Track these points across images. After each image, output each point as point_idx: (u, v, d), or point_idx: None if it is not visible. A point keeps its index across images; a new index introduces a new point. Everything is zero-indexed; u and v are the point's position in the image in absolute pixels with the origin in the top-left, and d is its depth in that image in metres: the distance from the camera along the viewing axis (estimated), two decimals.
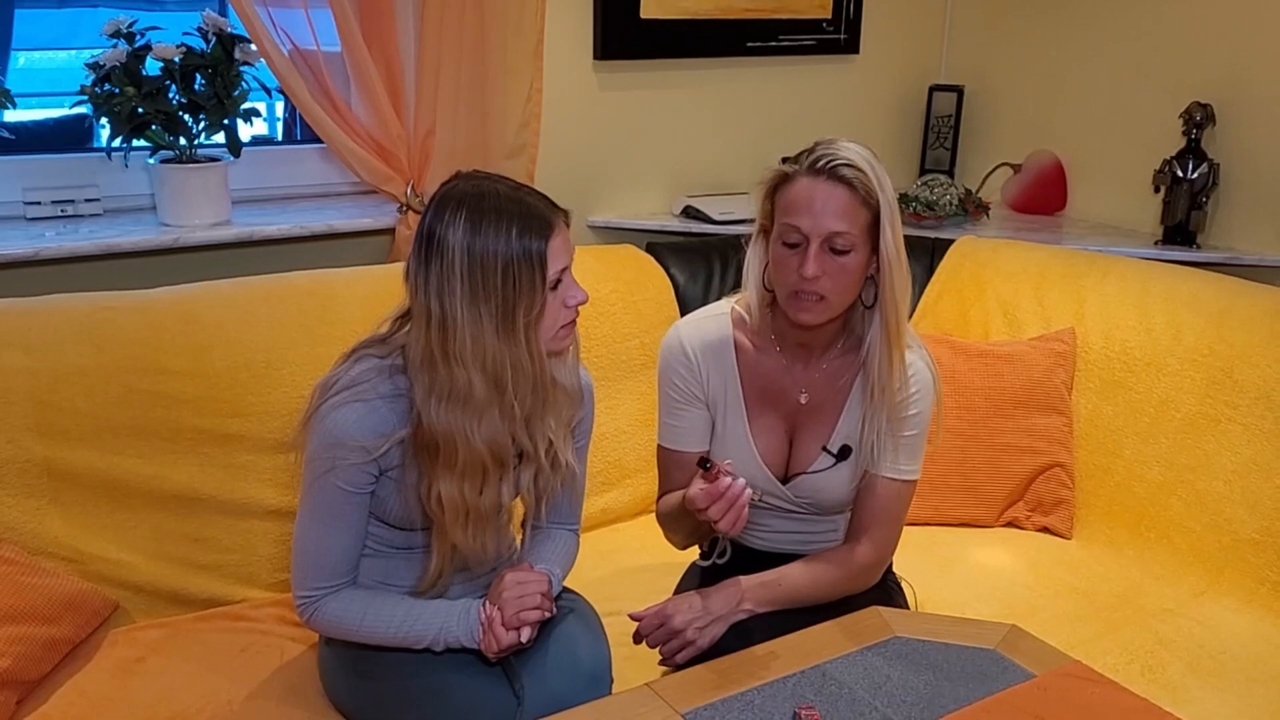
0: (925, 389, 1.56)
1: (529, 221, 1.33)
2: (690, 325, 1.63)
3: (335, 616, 1.43)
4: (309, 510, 1.42)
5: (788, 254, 1.47)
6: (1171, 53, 2.53)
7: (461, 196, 1.34)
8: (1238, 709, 1.60)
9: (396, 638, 1.42)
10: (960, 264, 2.40)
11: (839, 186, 1.44)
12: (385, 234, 2.29)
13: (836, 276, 1.46)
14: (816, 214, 1.44)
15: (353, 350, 1.45)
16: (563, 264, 1.37)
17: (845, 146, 1.47)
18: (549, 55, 2.33)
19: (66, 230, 2.02)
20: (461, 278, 1.31)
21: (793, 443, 1.62)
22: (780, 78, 2.76)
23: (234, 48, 2.04)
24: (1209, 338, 2.04)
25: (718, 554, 1.65)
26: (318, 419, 1.38)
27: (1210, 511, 1.96)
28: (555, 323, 1.39)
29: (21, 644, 1.49)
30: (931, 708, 1.28)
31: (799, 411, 1.61)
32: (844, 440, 1.59)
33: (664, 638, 1.48)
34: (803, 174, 1.46)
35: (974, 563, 2.03)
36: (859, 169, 1.44)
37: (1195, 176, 2.41)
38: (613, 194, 2.60)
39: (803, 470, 1.60)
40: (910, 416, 1.56)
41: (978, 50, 2.96)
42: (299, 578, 1.44)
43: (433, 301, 1.32)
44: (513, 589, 1.40)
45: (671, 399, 1.62)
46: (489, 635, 1.39)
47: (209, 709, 1.51)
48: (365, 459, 1.37)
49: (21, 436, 1.66)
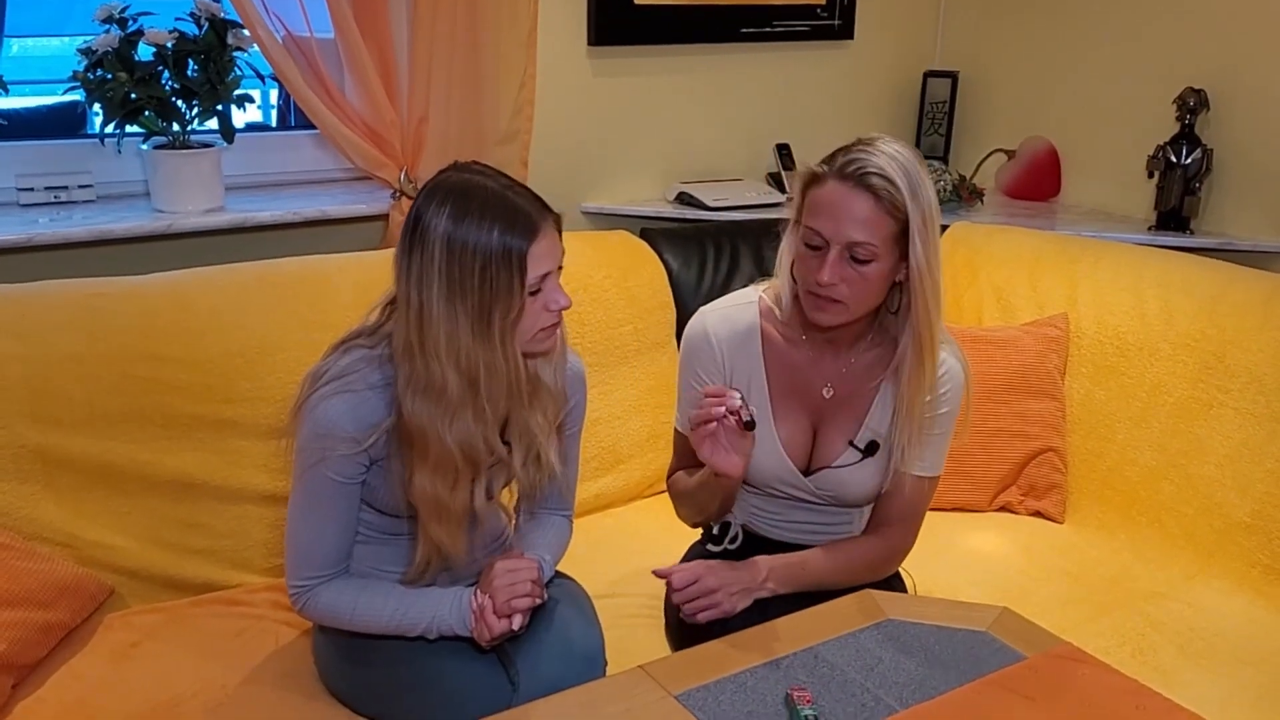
0: (956, 387, 1.55)
1: (513, 221, 1.30)
2: (716, 314, 1.61)
3: (328, 605, 1.44)
4: (300, 500, 1.43)
5: (809, 255, 1.46)
6: (1165, 38, 2.53)
7: (451, 187, 1.32)
8: (1228, 691, 1.61)
9: (389, 626, 1.42)
10: (954, 249, 2.40)
11: (865, 195, 1.40)
12: (379, 220, 2.28)
13: (855, 284, 1.44)
14: (839, 221, 1.41)
15: (342, 341, 1.44)
16: (546, 268, 1.33)
17: (881, 152, 1.42)
18: (542, 41, 2.32)
19: (60, 216, 2.01)
20: (440, 271, 1.29)
21: (816, 436, 1.60)
22: (774, 64, 2.75)
23: (226, 33, 2.03)
24: (1201, 323, 2.05)
25: (729, 540, 1.65)
26: (307, 410, 1.38)
27: (1202, 495, 1.97)
28: (535, 325, 1.36)
29: (17, 628, 1.49)
30: (923, 689, 1.29)
31: (824, 405, 1.59)
32: (872, 436, 1.57)
33: (696, 595, 1.48)
34: (832, 177, 1.43)
35: (967, 547, 2.03)
36: (889, 179, 1.40)
37: (1189, 162, 2.41)
38: (607, 180, 2.59)
39: (827, 464, 1.59)
40: (940, 415, 1.55)
41: (972, 36, 2.96)
42: (292, 567, 1.45)
43: (413, 291, 1.31)
44: (503, 577, 1.40)
45: (694, 387, 1.60)
46: (480, 624, 1.39)
47: (203, 693, 1.51)
48: (355, 449, 1.37)
49: (15, 423, 1.66)
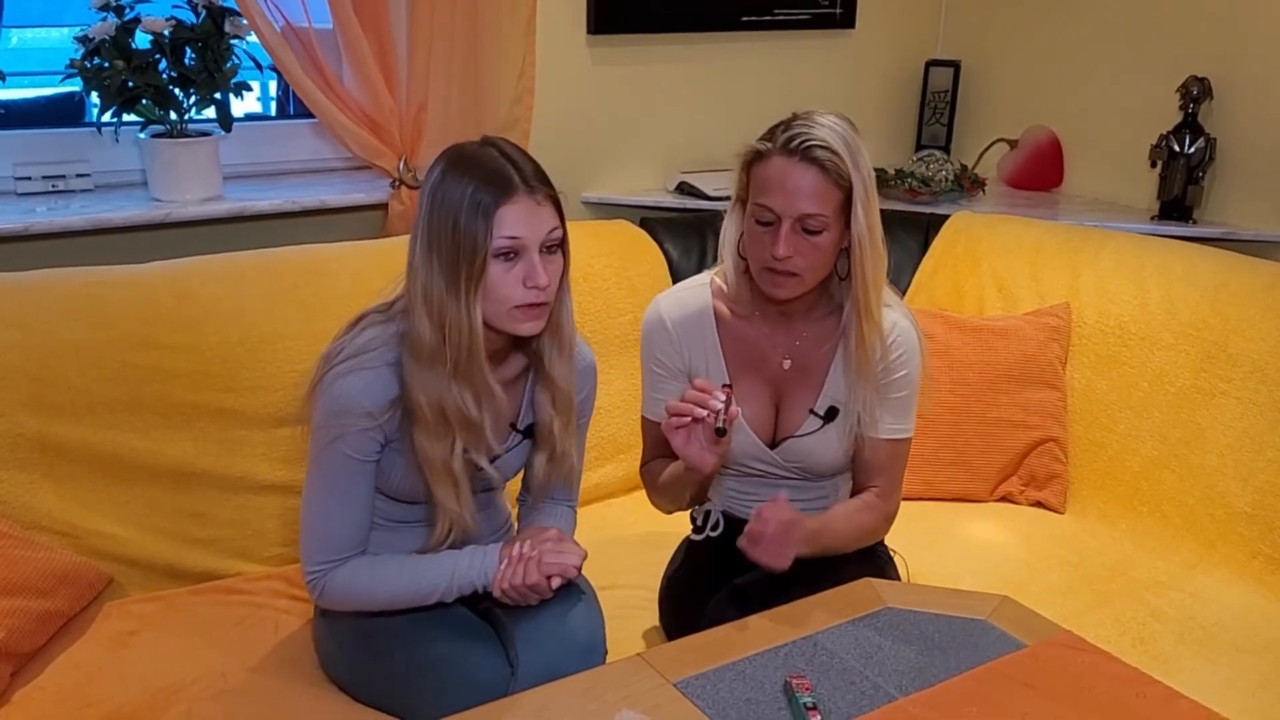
0: (911, 349, 1.58)
1: (490, 180, 1.33)
2: (670, 298, 1.65)
3: (346, 584, 1.43)
4: (316, 481, 1.42)
5: (761, 231, 1.49)
6: (1169, 27, 2.52)
7: (455, 152, 1.37)
8: (1228, 679, 1.61)
9: (407, 594, 1.42)
10: (955, 239, 2.39)
11: (812, 168, 1.44)
12: (378, 209, 2.28)
13: (809, 255, 1.48)
14: (789, 195, 1.45)
15: (358, 318, 1.45)
16: (516, 232, 1.33)
17: (820, 124, 1.46)
18: (542, 29, 2.31)
19: (57, 205, 2.01)
20: (423, 222, 1.35)
21: (779, 409, 1.63)
22: (775, 52, 2.74)
23: (224, 20, 2.03)
24: (1204, 312, 2.04)
25: (710, 527, 1.65)
26: (323, 388, 1.38)
27: (1203, 485, 1.96)
28: (508, 299, 1.35)
29: (15, 617, 1.49)
30: (922, 677, 1.29)
31: (782, 377, 1.62)
32: (830, 402, 1.60)
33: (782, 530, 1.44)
34: (776, 153, 1.46)
35: (967, 537, 2.03)
36: (832, 150, 1.44)
37: (1192, 151, 2.40)
38: (607, 170, 2.59)
39: (791, 434, 1.61)
40: (899, 378, 1.58)
41: (974, 25, 2.95)
42: (308, 552, 1.43)
43: (409, 247, 1.37)
44: (555, 542, 1.42)
45: (654, 372, 1.64)
46: (518, 568, 1.39)
47: (203, 681, 1.51)
48: (371, 424, 1.38)
49: (14, 411, 1.66)
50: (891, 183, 2.64)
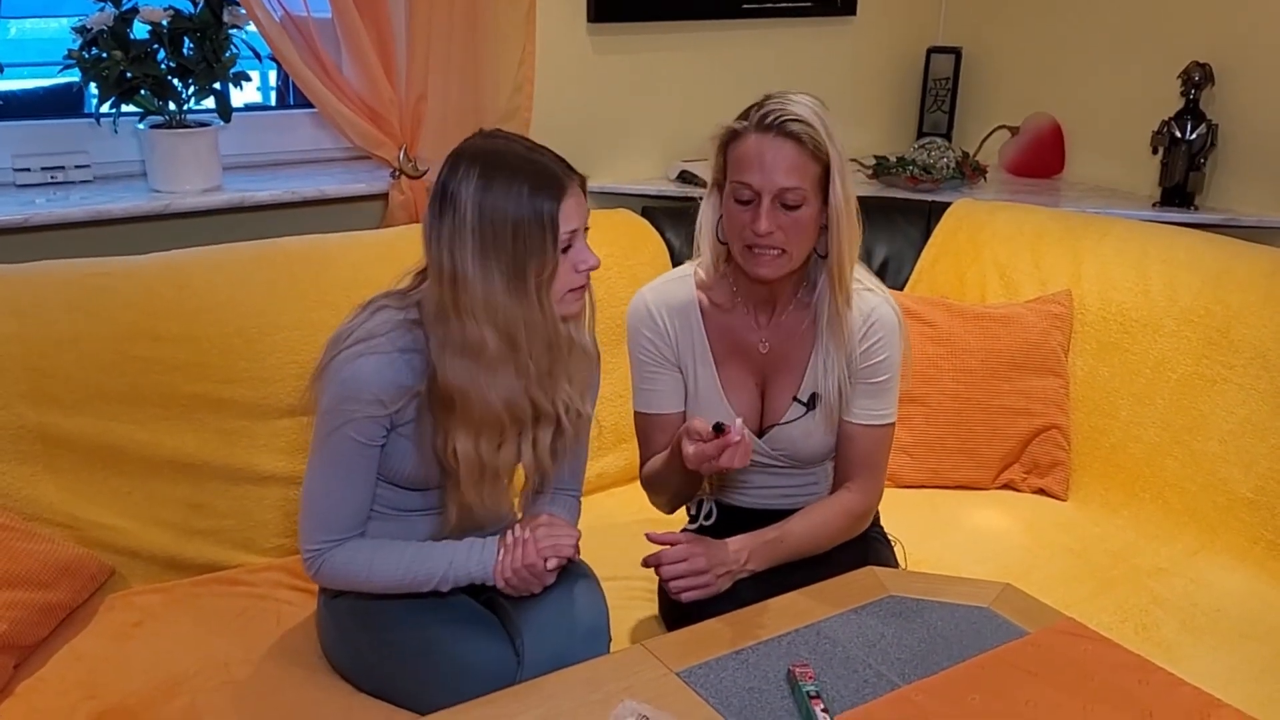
0: (890, 333, 1.57)
1: (541, 181, 1.33)
2: (654, 290, 1.64)
3: (342, 564, 1.43)
4: (320, 463, 1.42)
5: (740, 210, 1.49)
6: (1170, 12, 2.51)
7: (476, 153, 1.35)
8: (1231, 665, 1.61)
9: (404, 580, 1.42)
10: (957, 227, 2.39)
11: (788, 142, 1.45)
12: (378, 199, 2.27)
13: (790, 230, 1.47)
14: (767, 170, 1.45)
15: (370, 301, 1.45)
16: (574, 225, 1.36)
17: (794, 100, 1.47)
18: (542, 18, 2.31)
19: (56, 197, 2.00)
20: (473, 232, 1.32)
21: (765, 396, 1.63)
22: (776, 40, 2.73)
23: (222, 10, 2.02)
24: (1206, 298, 2.04)
25: (704, 516, 1.65)
26: (333, 370, 1.38)
27: (1205, 472, 1.96)
28: (565, 285, 1.38)
29: (18, 609, 1.49)
30: (925, 664, 1.29)
31: (765, 363, 1.62)
32: (813, 389, 1.60)
33: (686, 572, 1.48)
34: (752, 130, 1.47)
35: (970, 525, 2.03)
36: (807, 123, 1.45)
37: (1194, 137, 2.39)
38: (608, 159, 2.58)
39: (776, 421, 1.61)
40: (879, 362, 1.57)
41: (975, 12, 2.94)
42: (307, 530, 1.44)
43: (445, 255, 1.33)
44: (549, 527, 1.43)
45: (644, 364, 1.63)
46: (515, 552, 1.40)
47: (206, 671, 1.51)
48: (380, 412, 1.38)
49: (14, 403, 1.66)
50: (893, 170, 2.63)
